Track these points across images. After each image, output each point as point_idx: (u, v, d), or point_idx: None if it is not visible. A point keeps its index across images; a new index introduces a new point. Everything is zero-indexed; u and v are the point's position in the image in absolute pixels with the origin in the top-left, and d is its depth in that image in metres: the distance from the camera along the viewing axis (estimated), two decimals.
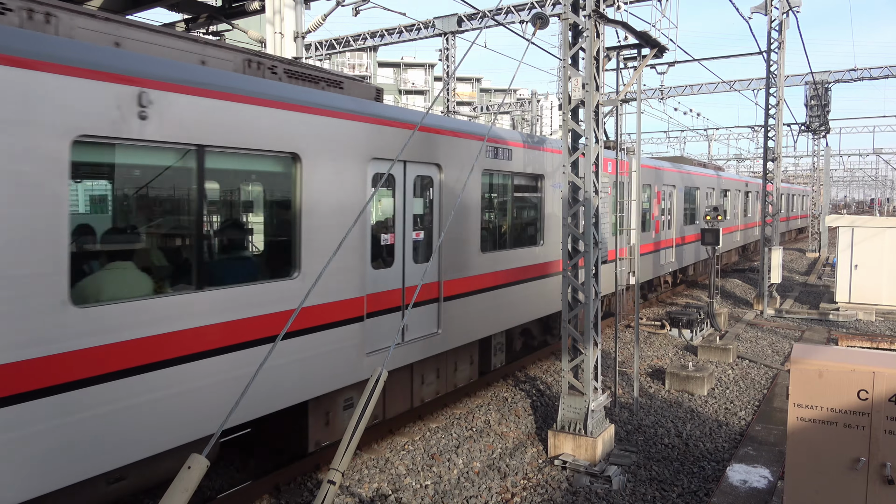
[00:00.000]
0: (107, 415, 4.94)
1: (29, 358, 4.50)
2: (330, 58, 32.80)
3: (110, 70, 5.01)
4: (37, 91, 4.56)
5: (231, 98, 5.89)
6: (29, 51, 4.56)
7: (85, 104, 4.81)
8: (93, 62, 4.93)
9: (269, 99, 6.23)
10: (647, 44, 9.71)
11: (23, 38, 4.61)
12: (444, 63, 27.48)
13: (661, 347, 14.08)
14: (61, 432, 4.67)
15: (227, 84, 5.92)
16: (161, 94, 5.32)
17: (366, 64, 74.94)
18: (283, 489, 7.15)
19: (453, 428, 9.07)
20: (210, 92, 5.71)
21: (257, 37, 15.64)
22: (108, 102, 4.95)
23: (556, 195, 11.59)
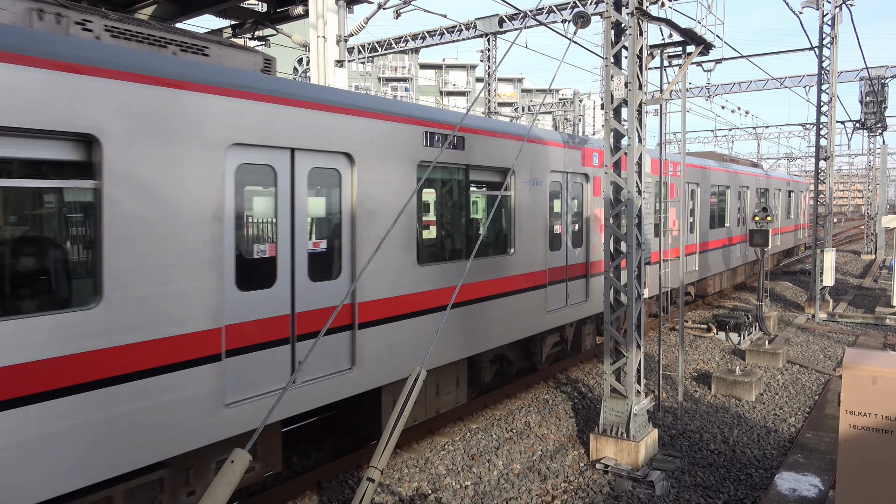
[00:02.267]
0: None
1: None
2: (373, 60, 33.15)
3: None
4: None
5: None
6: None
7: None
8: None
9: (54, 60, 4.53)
10: (693, 41, 9.51)
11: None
12: (485, 64, 27.48)
13: (707, 351, 13.77)
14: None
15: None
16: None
17: (408, 66, 75.41)
18: (325, 486, 7.25)
19: (493, 429, 9.05)
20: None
21: (301, 41, 15.91)
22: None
23: (533, 193, 9.79)
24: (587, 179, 11.33)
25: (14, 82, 4.33)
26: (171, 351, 5.18)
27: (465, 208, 8.49)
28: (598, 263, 11.70)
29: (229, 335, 5.65)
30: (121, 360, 4.87)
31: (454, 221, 8.46)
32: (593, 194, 11.49)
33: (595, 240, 11.59)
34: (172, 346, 5.19)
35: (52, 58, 4.53)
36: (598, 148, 11.65)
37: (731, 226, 19.35)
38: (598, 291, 11.66)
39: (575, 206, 11.12)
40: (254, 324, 5.85)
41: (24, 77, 4.38)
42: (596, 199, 11.58)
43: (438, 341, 7.85)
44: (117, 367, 4.84)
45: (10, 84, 4.32)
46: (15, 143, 4.45)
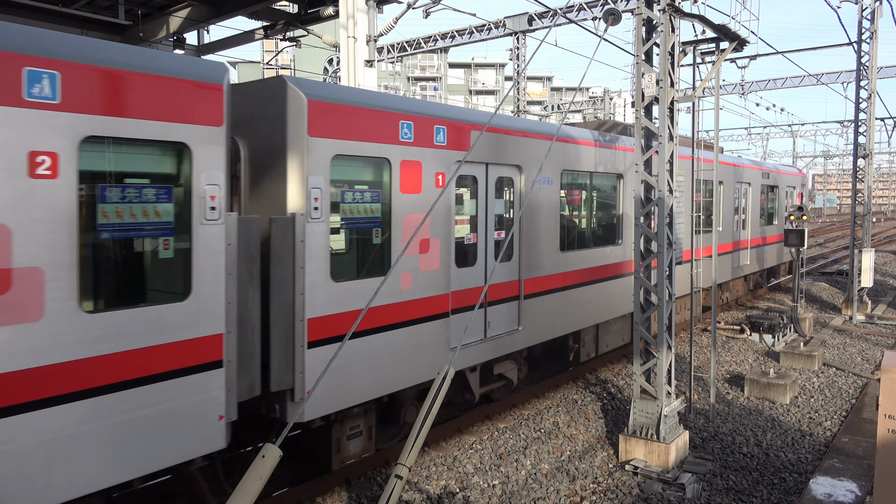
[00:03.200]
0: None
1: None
2: (402, 59, 33.29)
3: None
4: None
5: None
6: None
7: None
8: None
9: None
10: (726, 37, 9.35)
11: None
12: (514, 62, 27.39)
13: (739, 353, 13.53)
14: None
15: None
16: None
17: (437, 65, 75.52)
18: (354, 483, 7.31)
19: (521, 429, 9.02)
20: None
21: (331, 41, 16.05)
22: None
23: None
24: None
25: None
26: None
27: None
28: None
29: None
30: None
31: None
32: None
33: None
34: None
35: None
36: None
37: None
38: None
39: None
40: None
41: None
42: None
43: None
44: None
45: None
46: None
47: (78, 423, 4.56)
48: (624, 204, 11.72)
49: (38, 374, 4.38)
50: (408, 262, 7.27)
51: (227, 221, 5.46)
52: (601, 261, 10.98)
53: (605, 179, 11.27)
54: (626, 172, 11.68)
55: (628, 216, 11.72)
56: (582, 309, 10.45)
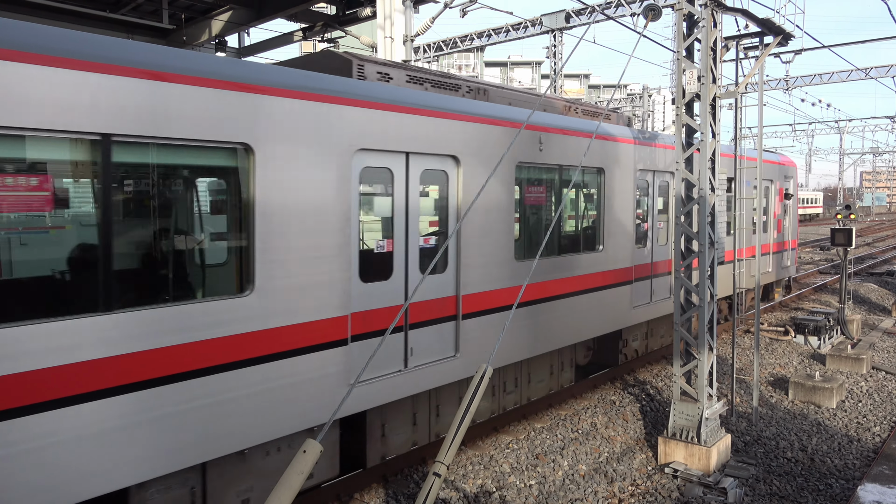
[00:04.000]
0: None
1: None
2: (438, 59, 33.35)
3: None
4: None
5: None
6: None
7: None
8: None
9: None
10: (771, 31, 9.13)
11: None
12: (551, 60, 27.19)
13: (783, 355, 13.20)
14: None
15: None
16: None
17: (472, 64, 75.47)
18: (391, 479, 7.36)
19: (558, 429, 8.96)
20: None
21: (369, 42, 16.18)
22: None
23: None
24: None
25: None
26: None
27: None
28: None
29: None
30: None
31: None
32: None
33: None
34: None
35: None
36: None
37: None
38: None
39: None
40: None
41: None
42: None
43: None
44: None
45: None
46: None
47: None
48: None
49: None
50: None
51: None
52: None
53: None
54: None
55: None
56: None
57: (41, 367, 4.39)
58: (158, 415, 4.95)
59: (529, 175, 8.52)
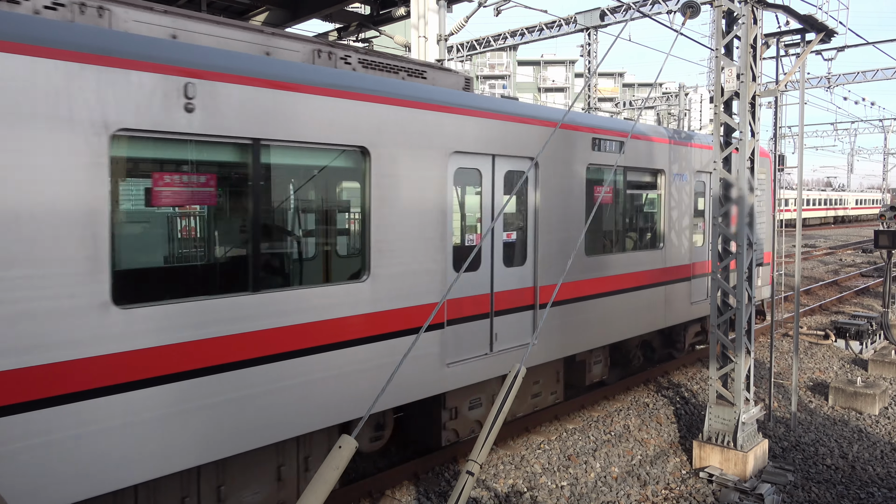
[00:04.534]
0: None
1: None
2: (471, 58, 33.34)
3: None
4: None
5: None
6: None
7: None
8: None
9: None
10: (813, 28, 8.91)
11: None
12: (584, 59, 26.96)
13: (823, 359, 12.87)
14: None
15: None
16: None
17: (506, 63, 75.25)
18: (422, 477, 7.39)
19: (591, 430, 8.89)
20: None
21: (403, 41, 16.26)
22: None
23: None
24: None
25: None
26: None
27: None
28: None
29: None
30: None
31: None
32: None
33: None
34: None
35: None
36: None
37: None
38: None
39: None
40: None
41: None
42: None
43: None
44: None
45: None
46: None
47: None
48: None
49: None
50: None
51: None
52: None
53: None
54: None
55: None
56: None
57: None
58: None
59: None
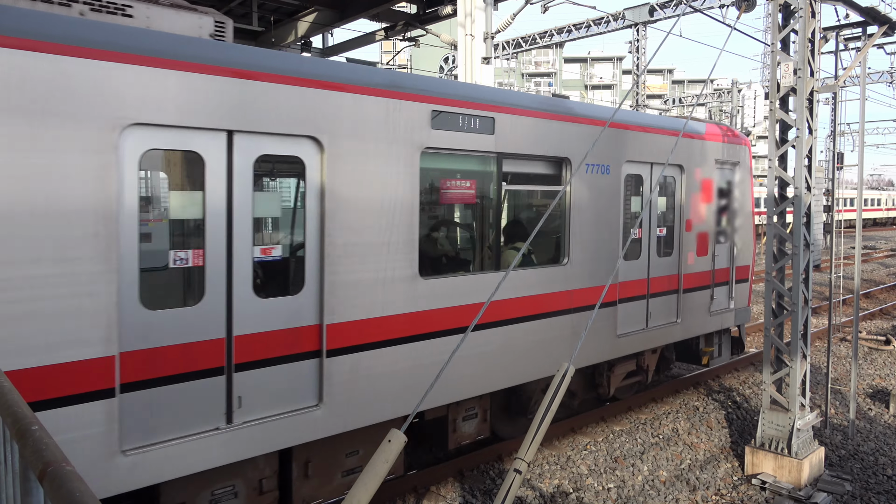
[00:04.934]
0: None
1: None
2: (517, 56, 33.19)
3: None
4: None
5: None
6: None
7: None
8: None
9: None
10: (874, 20, 8.57)
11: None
12: (633, 55, 26.54)
13: (884, 366, 12.37)
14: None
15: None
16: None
17: (551, 60, 74.64)
18: (467, 474, 7.40)
19: (638, 433, 8.75)
20: None
21: (449, 40, 16.29)
22: None
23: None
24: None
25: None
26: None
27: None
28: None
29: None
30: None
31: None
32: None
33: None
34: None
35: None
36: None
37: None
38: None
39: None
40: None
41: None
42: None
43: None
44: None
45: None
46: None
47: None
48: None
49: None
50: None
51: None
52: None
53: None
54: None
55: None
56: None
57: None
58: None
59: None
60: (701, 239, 9.59)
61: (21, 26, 4.04)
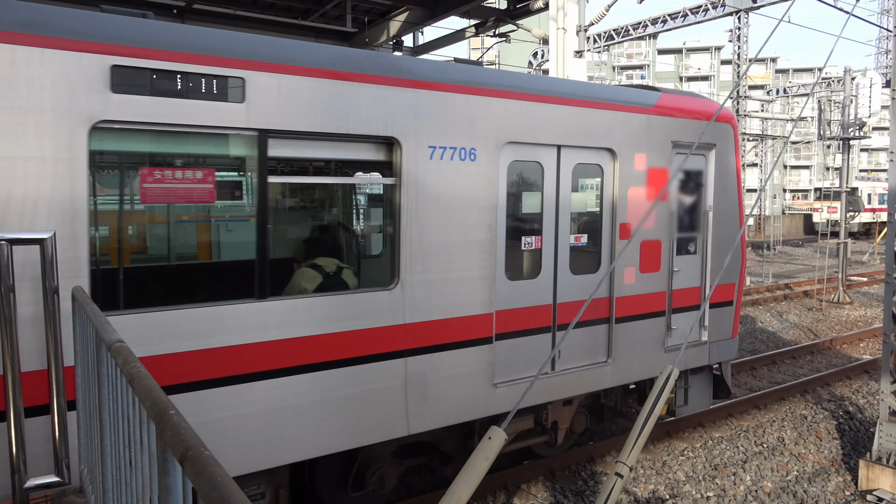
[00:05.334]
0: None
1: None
2: (608, 49, 32.40)
3: None
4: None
5: None
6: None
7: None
8: None
9: None
10: None
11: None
12: (734, 44, 25.33)
13: None
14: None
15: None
16: None
17: (644, 52, 72.37)
18: (558, 474, 7.31)
19: (740, 440, 8.34)
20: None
21: (540, 34, 16.10)
22: None
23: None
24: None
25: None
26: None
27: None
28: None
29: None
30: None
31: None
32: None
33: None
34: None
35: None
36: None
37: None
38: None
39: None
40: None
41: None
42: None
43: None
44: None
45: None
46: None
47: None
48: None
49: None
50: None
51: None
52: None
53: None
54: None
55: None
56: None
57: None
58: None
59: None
60: (648, 250, 7.08)
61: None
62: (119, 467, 2.42)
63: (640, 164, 6.95)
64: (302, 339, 4.88)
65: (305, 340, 4.90)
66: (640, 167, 6.95)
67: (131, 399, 2.06)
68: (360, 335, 5.15)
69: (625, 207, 6.84)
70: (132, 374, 1.95)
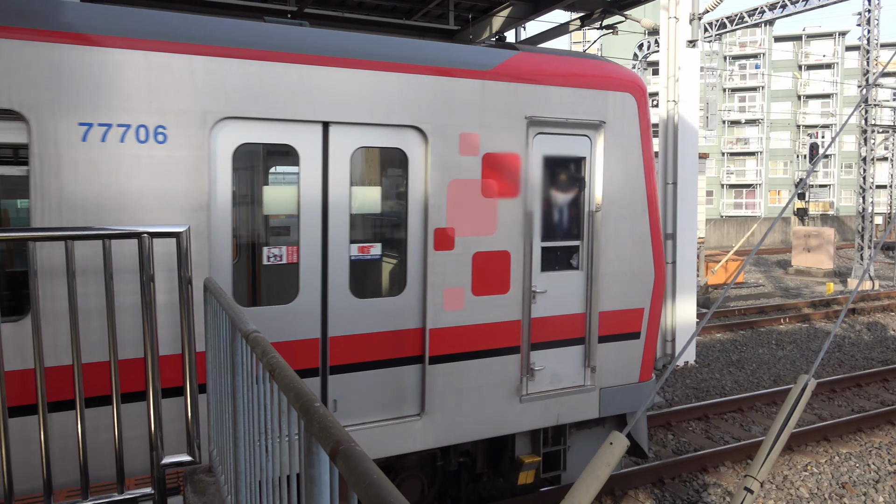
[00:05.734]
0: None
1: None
2: (720, 37, 30.83)
3: None
4: None
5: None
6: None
7: None
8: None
9: None
10: None
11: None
12: (863, 28, 23.39)
13: None
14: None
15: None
16: None
17: (759, 40, 68.33)
18: (668, 483, 7.03)
19: (871, 458, 7.69)
20: None
21: (650, 24, 15.52)
22: None
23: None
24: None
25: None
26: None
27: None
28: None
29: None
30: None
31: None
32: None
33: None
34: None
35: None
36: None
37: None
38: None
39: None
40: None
41: None
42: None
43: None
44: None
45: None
46: None
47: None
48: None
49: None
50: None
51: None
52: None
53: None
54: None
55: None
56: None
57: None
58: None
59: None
60: (487, 264, 5.35)
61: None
62: (253, 452, 2.53)
63: (468, 148, 5.20)
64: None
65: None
66: (469, 152, 5.20)
67: (269, 388, 2.14)
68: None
69: (443, 207, 5.12)
70: (273, 364, 2.01)
